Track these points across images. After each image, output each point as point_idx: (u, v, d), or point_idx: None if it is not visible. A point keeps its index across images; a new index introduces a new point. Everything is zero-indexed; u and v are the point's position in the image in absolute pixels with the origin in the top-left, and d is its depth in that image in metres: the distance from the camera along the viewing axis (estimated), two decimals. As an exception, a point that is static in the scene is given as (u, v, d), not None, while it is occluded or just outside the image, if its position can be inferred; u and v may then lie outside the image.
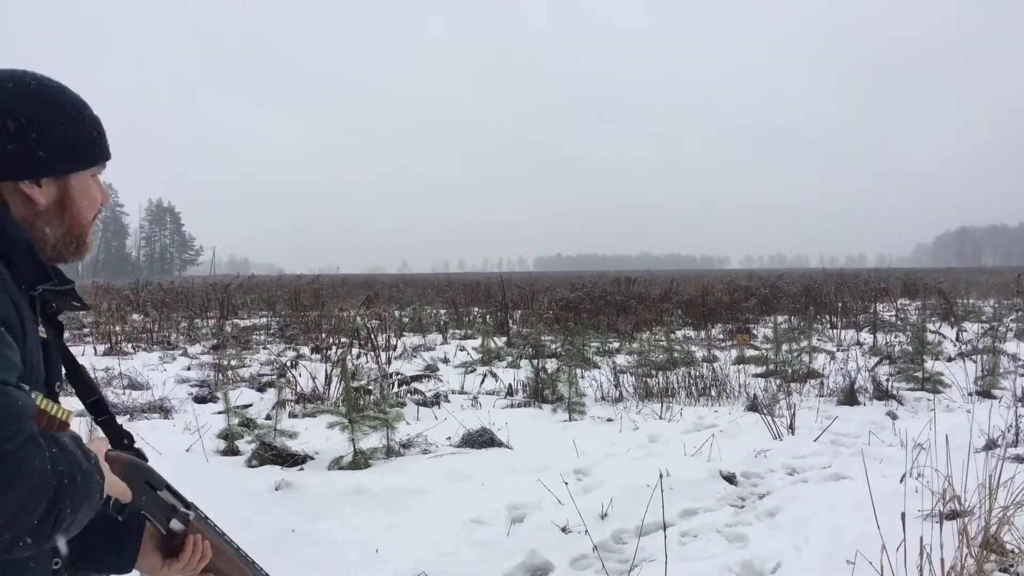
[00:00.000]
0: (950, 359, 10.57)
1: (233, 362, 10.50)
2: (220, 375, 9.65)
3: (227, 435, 6.02)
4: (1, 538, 0.89)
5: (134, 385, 8.87)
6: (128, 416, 7.24)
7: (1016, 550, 3.33)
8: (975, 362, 9.64)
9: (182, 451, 5.93)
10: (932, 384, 8.34)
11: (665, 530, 4.01)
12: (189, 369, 10.48)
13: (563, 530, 4.30)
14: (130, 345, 13.31)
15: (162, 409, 7.58)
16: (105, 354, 12.02)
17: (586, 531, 4.17)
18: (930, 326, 12.12)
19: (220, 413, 6.80)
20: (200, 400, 8.26)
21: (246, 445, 5.97)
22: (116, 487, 1.16)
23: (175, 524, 1.32)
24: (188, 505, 1.35)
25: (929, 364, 8.83)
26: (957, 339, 12.76)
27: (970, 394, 8.15)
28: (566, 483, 4.64)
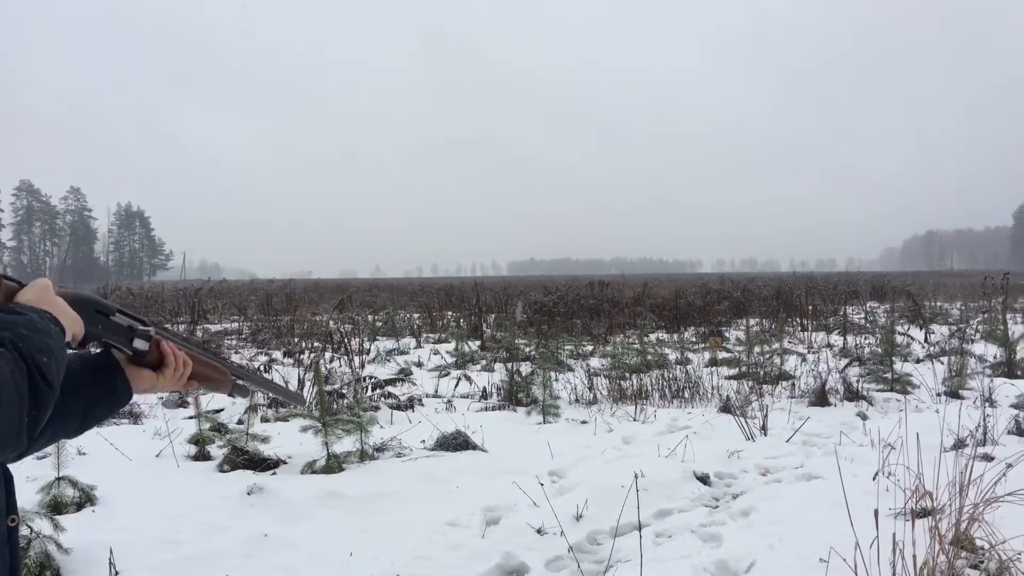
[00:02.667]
0: (918, 360, 10.74)
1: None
2: (190, 380, 9.51)
3: (198, 440, 5.93)
4: (27, 417, 0.98)
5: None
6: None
7: (986, 546, 3.38)
8: (943, 363, 9.80)
9: (152, 456, 5.84)
10: (901, 385, 8.45)
11: (640, 530, 4.02)
12: (159, 374, 10.32)
13: (538, 531, 4.29)
14: (98, 350, 13.09)
15: (131, 414, 7.47)
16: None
17: (561, 532, 4.17)
18: (899, 328, 12.31)
19: (191, 418, 6.70)
20: (170, 405, 8.14)
21: (217, 450, 5.89)
22: (66, 314, 1.20)
23: (139, 343, 1.35)
24: (146, 323, 1.37)
25: (898, 365, 8.96)
26: (925, 341, 12.95)
27: (938, 395, 8.27)
28: (541, 485, 4.63)
